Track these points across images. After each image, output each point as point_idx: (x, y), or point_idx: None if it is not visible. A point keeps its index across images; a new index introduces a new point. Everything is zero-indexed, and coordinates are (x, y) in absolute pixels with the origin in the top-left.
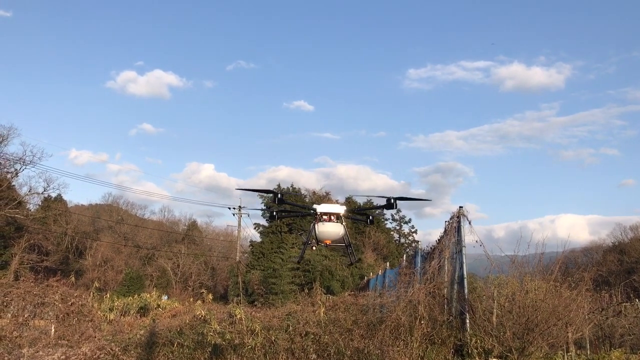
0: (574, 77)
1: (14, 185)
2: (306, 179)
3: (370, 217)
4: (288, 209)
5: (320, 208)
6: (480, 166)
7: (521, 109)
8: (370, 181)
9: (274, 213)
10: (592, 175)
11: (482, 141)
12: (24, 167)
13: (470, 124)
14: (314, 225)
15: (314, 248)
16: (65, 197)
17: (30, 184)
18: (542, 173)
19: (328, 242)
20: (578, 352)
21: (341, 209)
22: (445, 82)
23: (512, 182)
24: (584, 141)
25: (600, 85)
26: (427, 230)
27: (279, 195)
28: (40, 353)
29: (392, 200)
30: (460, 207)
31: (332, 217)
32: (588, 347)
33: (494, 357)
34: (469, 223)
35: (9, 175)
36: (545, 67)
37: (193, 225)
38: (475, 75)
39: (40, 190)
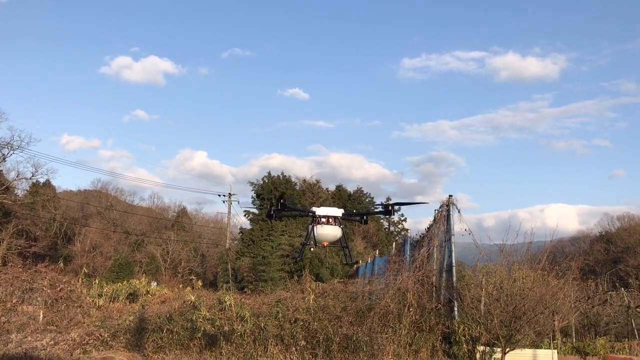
0: (568, 69)
1: (1, 170)
2: (299, 168)
3: (365, 218)
4: (286, 212)
5: (319, 211)
6: (473, 156)
7: (514, 99)
8: (364, 170)
9: (272, 212)
10: (583, 166)
11: (475, 131)
12: (11, 152)
13: (464, 114)
14: (312, 227)
15: (312, 249)
16: (53, 182)
17: (18, 169)
18: (533, 163)
19: (326, 243)
20: (564, 339)
21: (339, 212)
22: (440, 72)
23: (503, 172)
24: (576, 132)
25: (593, 77)
26: (417, 219)
27: (282, 201)
28: (29, 338)
29: (390, 207)
30: (450, 196)
31: (330, 220)
32: (574, 335)
33: (482, 344)
34: (459, 212)
35: None
36: (541, 57)
37: (183, 212)
38: (469, 66)
39: (29, 175)
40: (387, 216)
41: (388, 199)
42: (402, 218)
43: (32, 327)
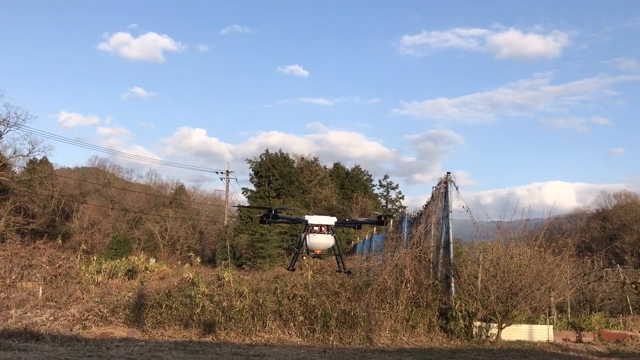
0: (569, 46)
1: None
2: (298, 145)
3: (359, 223)
4: (279, 220)
5: (311, 220)
6: (472, 134)
7: (515, 77)
8: (362, 148)
9: (264, 219)
10: (582, 144)
11: (475, 109)
12: (8, 128)
13: (463, 92)
14: (305, 236)
15: (304, 258)
16: (50, 159)
17: (15, 146)
18: (532, 141)
19: (318, 251)
20: (560, 315)
21: (331, 221)
22: (440, 50)
23: (502, 150)
24: (576, 110)
25: (594, 55)
26: (415, 197)
27: (273, 212)
28: (29, 314)
29: (384, 218)
30: (448, 173)
31: (323, 229)
32: (569, 310)
33: (478, 320)
34: (456, 189)
35: None
36: (542, 35)
37: (180, 189)
38: (470, 43)
39: (25, 152)
40: (380, 225)
41: (386, 176)
42: (400, 196)
43: (31, 303)
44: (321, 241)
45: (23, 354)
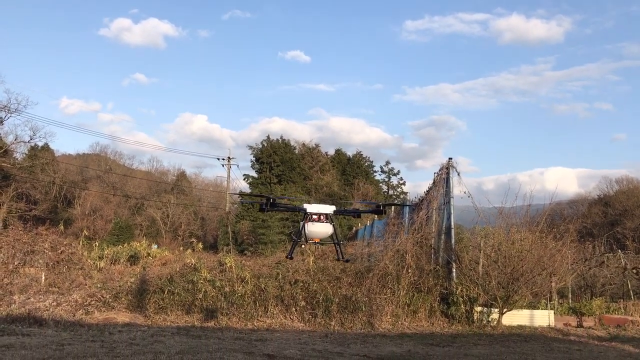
0: (573, 31)
1: None
2: (300, 132)
3: (358, 212)
4: (278, 208)
5: (310, 208)
6: (474, 120)
7: (517, 62)
8: (364, 134)
9: (263, 207)
10: (584, 129)
11: (477, 95)
12: (9, 115)
13: (466, 78)
14: (303, 224)
15: (302, 246)
16: (52, 146)
17: (16, 132)
18: (534, 127)
19: (317, 240)
20: (560, 300)
21: (330, 209)
22: (443, 35)
23: (504, 135)
24: (578, 96)
25: (597, 39)
26: (417, 183)
27: (271, 200)
28: (32, 299)
29: (382, 207)
30: (450, 158)
31: (322, 217)
32: (570, 296)
33: (479, 305)
34: (458, 175)
35: None
36: (545, 19)
37: (182, 175)
38: (473, 28)
39: (27, 138)
40: (377, 214)
41: (387, 162)
42: (402, 182)
43: (34, 288)
44: (320, 230)
45: (27, 338)
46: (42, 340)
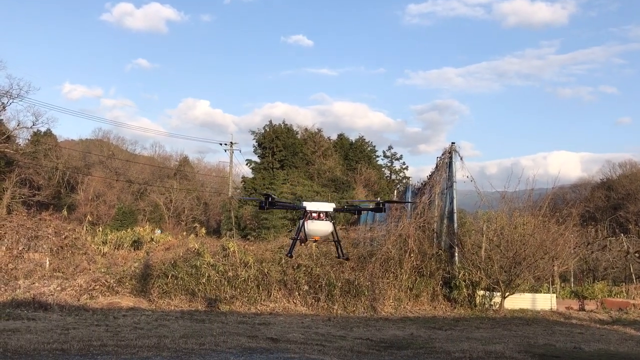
0: (577, 14)
1: (1, 120)
2: (302, 116)
3: (358, 209)
4: (277, 207)
5: (310, 206)
6: (477, 104)
7: (521, 46)
8: (367, 119)
9: (262, 205)
10: (589, 113)
11: (480, 79)
12: (11, 100)
13: (469, 61)
14: (303, 222)
15: (302, 244)
16: (54, 131)
17: (18, 117)
18: (538, 111)
19: (317, 238)
20: (563, 284)
21: (330, 207)
22: (446, 18)
23: (507, 119)
24: (583, 79)
25: (602, 22)
26: (420, 167)
27: (270, 199)
28: (37, 284)
29: (382, 205)
30: (452, 143)
31: (322, 215)
32: (572, 280)
33: (482, 289)
34: (461, 159)
35: None
36: (550, 2)
37: (185, 161)
38: (476, 12)
39: (29, 124)
40: (378, 212)
41: (390, 147)
42: (404, 166)
43: (39, 273)
44: (320, 228)
45: (32, 322)
46: (48, 324)
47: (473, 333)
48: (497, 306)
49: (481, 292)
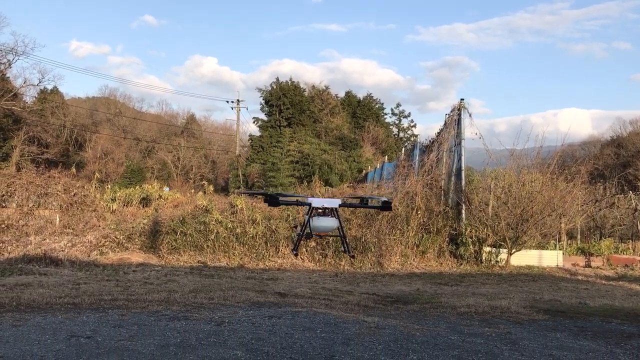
0: None
1: (8, 77)
2: (311, 74)
3: (365, 205)
4: (282, 202)
5: (315, 202)
6: (488, 61)
7: (534, 1)
8: (376, 76)
9: (267, 200)
10: (601, 69)
11: (492, 35)
12: (16, 57)
13: (480, 17)
14: (308, 218)
15: (307, 240)
16: (61, 89)
17: (24, 75)
18: (550, 68)
19: (323, 234)
20: (569, 241)
21: (336, 203)
22: None
23: (518, 76)
24: (596, 35)
25: None
26: (428, 125)
27: (272, 198)
28: (47, 240)
29: (390, 203)
30: (462, 99)
31: (327, 211)
32: (579, 237)
33: (488, 245)
34: (470, 116)
35: (2, 67)
36: None
37: (192, 119)
38: None
39: (36, 82)
40: (385, 210)
41: (398, 104)
42: (412, 124)
43: (49, 230)
44: (325, 224)
45: (44, 277)
46: (59, 279)
47: (479, 289)
48: (504, 262)
49: (487, 249)
